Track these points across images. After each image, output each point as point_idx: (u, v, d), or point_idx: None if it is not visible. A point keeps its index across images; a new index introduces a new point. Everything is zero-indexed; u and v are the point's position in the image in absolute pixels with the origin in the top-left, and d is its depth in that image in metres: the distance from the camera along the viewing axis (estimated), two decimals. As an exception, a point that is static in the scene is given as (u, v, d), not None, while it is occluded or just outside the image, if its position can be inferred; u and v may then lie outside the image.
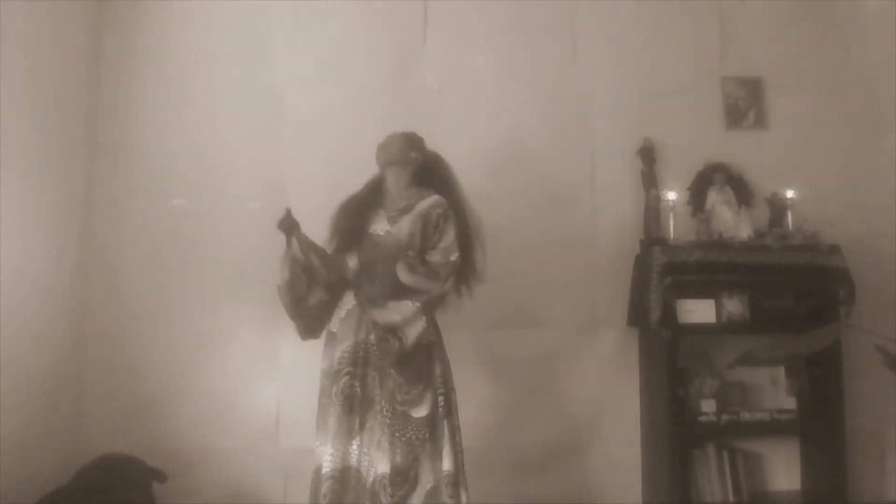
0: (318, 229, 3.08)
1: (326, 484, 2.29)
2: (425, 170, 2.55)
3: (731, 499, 3.00)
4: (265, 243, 3.15)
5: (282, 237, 2.52)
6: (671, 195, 3.08)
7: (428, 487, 2.30)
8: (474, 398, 2.89)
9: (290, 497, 3.03)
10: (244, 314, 3.12)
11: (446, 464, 2.32)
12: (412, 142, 2.55)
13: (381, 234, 2.44)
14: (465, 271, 2.46)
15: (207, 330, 3.11)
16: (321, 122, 3.22)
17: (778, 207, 3.11)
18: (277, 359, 3.11)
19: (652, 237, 3.08)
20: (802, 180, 3.13)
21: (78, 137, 3.11)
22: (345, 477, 2.30)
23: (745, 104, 3.34)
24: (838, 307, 2.91)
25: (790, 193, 3.07)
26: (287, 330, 3.11)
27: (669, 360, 2.89)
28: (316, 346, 2.87)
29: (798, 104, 3.33)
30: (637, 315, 3.07)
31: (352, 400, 2.32)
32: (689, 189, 3.22)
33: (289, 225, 2.46)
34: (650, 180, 3.17)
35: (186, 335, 3.11)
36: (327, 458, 2.32)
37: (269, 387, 3.11)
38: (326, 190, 3.11)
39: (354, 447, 2.31)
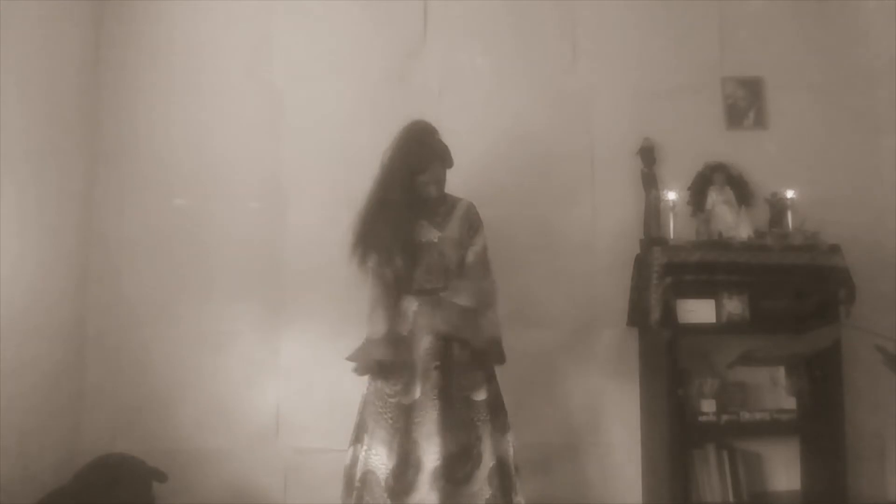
0: (317, 228, 3.11)
1: (444, 474, 2.34)
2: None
3: (731, 499, 2.99)
4: (266, 243, 3.18)
5: (279, 237, 2.51)
6: (671, 195, 3.07)
7: (491, 465, 2.42)
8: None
9: (290, 497, 3.03)
10: (245, 314, 3.12)
11: (513, 438, 2.55)
12: (438, 135, 2.59)
13: (436, 240, 2.51)
14: None
15: (208, 330, 3.11)
16: (321, 122, 3.22)
17: (778, 207, 3.11)
18: (277, 359, 3.11)
19: (652, 237, 3.08)
20: (802, 180, 3.13)
21: (78, 137, 3.11)
22: (446, 464, 2.36)
23: (745, 104, 3.34)
24: (838, 307, 2.91)
25: (790, 193, 3.07)
26: (287, 330, 3.13)
27: (669, 360, 2.89)
28: (315, 345, 2.88)
29: (798, 104, 3.33)
30: (637, 315, 3.06)
31: (444, 393, 2.41)
32: (689, 189, 3.22)
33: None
34: (650, 180, 3.17)
35: (187, 335, 3.10)
36: (434, 453, 2.35)
37: (269, 387, 3.11)
38: (326, 190, 3.14)
39: (447, 435, 2.38)
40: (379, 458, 2.39)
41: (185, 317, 3.12)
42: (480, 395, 2.48)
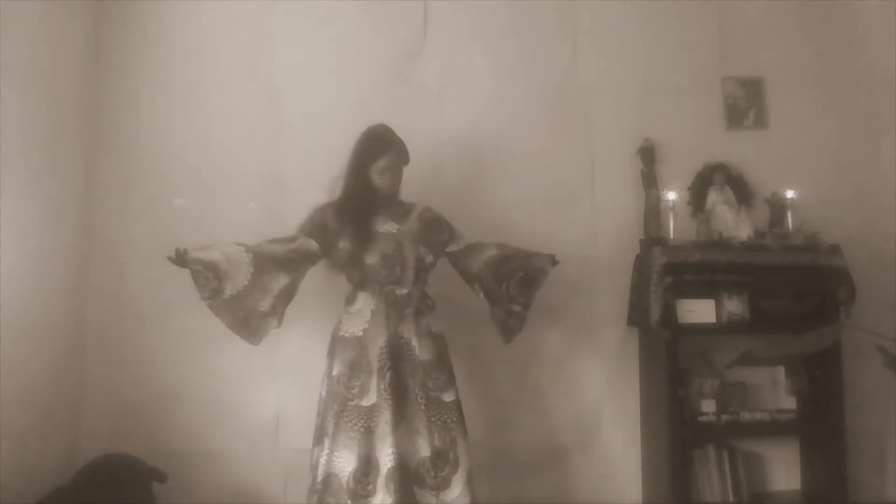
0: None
1: (399, 475, 2.35)
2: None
3: (731, 499, 2.99)
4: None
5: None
6: (671, 195, 3.07)
7: (468, 469, 2.44)
8: (474, 398, 2.89)
9: (290, 497, 3.03)
10: (244, 314, 3.12)
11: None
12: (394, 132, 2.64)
13: (394, 231, 2.54)
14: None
15: (207, 330, 3.09)
16: (321, 122, 3.22)
17: (778, 207, 3.11)
18: (277, 359, 3.11)
19: (652, 237, 3.08)
20: (802, 180, 3.13)
21: (78, 137, 3.11)
22: (400, 463, 2.37)
23: (745, 104, 3.34)
24: (838, 307, 2.91)
25: (790, 193, 3.06)
26: (287, 330, 3.12)
27: (669, 360, 2.89)
28: (317, 346, 2.89)
29: (798, 104, 3.33)
30: (637, 315, 3.07)
31: (401, 395, 2.42)
32: (689, 189, 3.22)
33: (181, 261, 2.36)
34: (650, 180, 3.17)
35: (186, 335, 3.10)
36: (388, 454, 2.36)
37: (269, 387, 3.11)
38: (326, 190, 3.13)
39: (400, 434, 2.39)
40: (341, 461, 2.39)
41: (185, 316, 3.10)
42: (450, 396, 2.48)
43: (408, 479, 2.39)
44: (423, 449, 2.39)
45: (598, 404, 3.19)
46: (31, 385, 2.74)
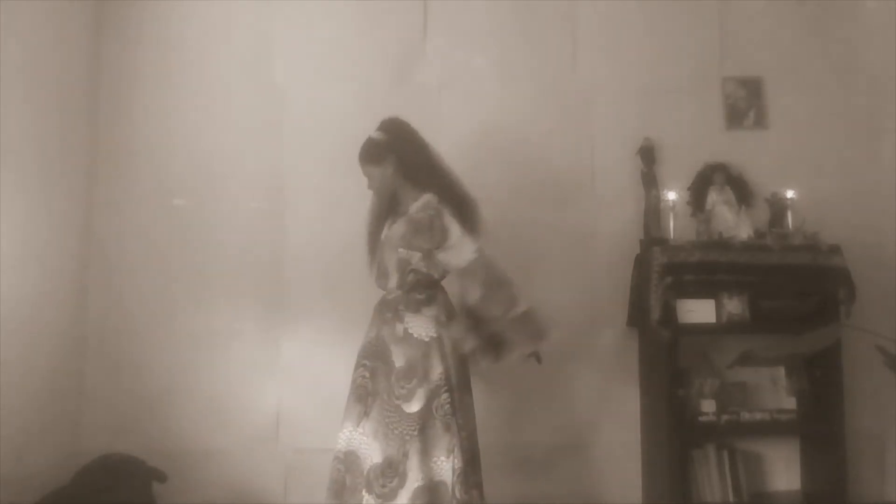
0: (317, 228, 3.12)
1: (332, 465, 2.37)
2: (404, 160, 2.49)
3: (731, 499, 2.99)
4: (265, 243, 3.18)
5: (279, 237, 2.50)
6: (671, 195, 3.08)
7: (416, 486, 2.27)
8: (474, 398, 2.88)
9: (290, 497, 3.03)
10: (244, 314, 3.12)
11: (456, 461, 2.32)
12: (379, 151, 2.48)
13: (383, 238, 2.49)
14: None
15: (207, 330, 3.11)
16: (321, 122, 3.22)
17: (778, 207, 3.11)
18: (277, 359, 3.11)
19: (652, 237, 3.08)
20: (802, 180, 3.14)
21: (78, 138, 3.11)
22: (349, 460, 2.36)
23: (745, 104, 3.34)
24: (838, 307, 2.91)
25: (790, 193, 3.07)
26: (287, 330, 3.13)
27: (669, 360, 2.89)
28: (317, 346, 2.89)
29: (798, 104, 3.34)
30: (637, 315, 3.07)
31: (362, 390, 2.40)
32: (689, 189, 3.22)
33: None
34: (650, 180, 3.17)
35: (186, 335, 3.11)
36: (340, 441, 2.40)
37: (269, 387, 3.11)
38: (326, 190, 3.14)
39: (358, 434, 2.37)
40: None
41: (185, 316, 3.12)
42: (412, 407, 2.30)
43: (355, 481, 2.33)
44: (377, 454, 2.31)
45: (599, 404, 3.19)
46: (31, 385, 2.74)
